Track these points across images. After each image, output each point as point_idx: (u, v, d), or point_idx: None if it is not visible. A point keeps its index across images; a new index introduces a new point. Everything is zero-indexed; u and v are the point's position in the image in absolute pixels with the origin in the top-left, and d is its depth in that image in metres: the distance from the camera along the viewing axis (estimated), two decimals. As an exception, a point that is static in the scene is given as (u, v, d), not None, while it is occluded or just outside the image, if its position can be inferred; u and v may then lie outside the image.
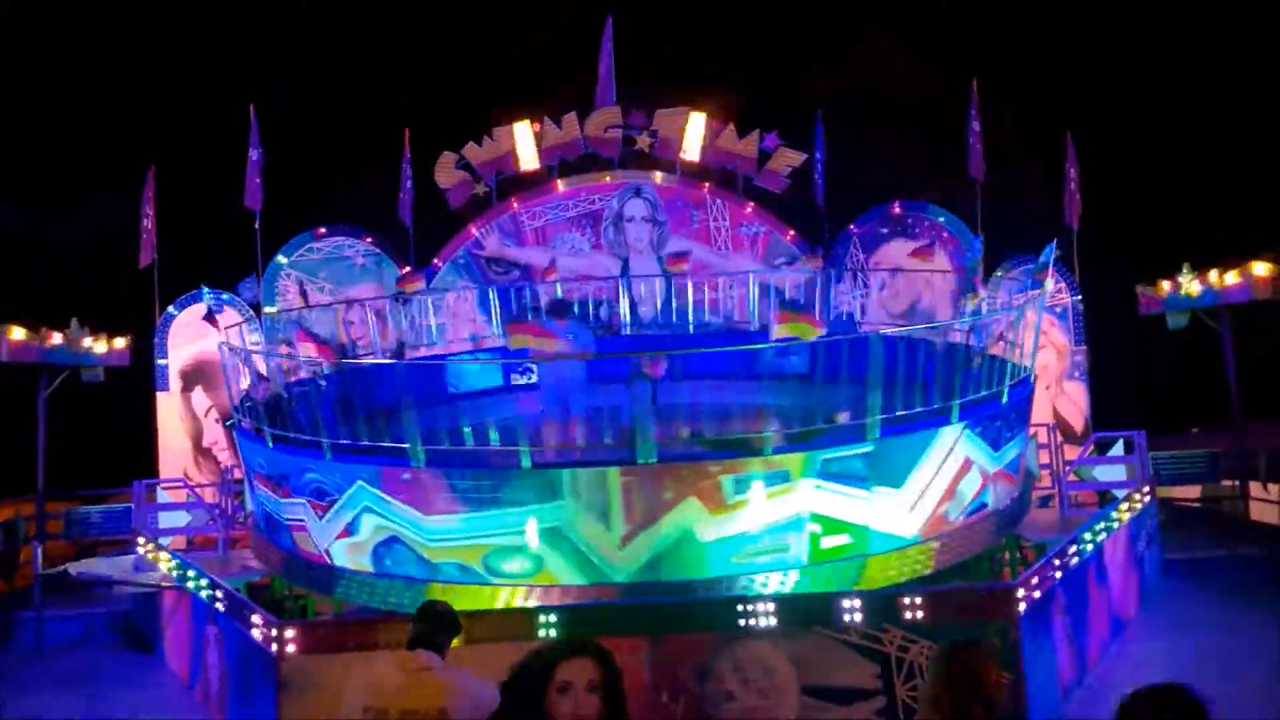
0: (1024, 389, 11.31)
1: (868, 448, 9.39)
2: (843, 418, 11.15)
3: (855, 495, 9.45)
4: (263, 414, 10.78)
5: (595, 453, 10.03)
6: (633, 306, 16.67)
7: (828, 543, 9.41)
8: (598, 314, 16.30)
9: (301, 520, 10.44)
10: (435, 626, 5.10)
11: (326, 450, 9.88)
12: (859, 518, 9.50)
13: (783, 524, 9.31)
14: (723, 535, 9.24)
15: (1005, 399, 10.52)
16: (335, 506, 9.96)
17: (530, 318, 14.87)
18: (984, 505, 10.51)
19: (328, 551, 10.20)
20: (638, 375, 10.19)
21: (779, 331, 10.24)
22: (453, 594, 9.13)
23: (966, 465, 10.12)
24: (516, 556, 9.32)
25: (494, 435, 9.55)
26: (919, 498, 9.78)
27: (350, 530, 9.93)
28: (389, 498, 9.63)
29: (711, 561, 9.24)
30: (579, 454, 10.27)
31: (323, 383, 11.91)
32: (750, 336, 15.93)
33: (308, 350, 11.41)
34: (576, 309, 15.85)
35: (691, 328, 16.60)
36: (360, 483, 9.73)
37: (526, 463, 9.24)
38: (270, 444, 10.63)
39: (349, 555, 10.04)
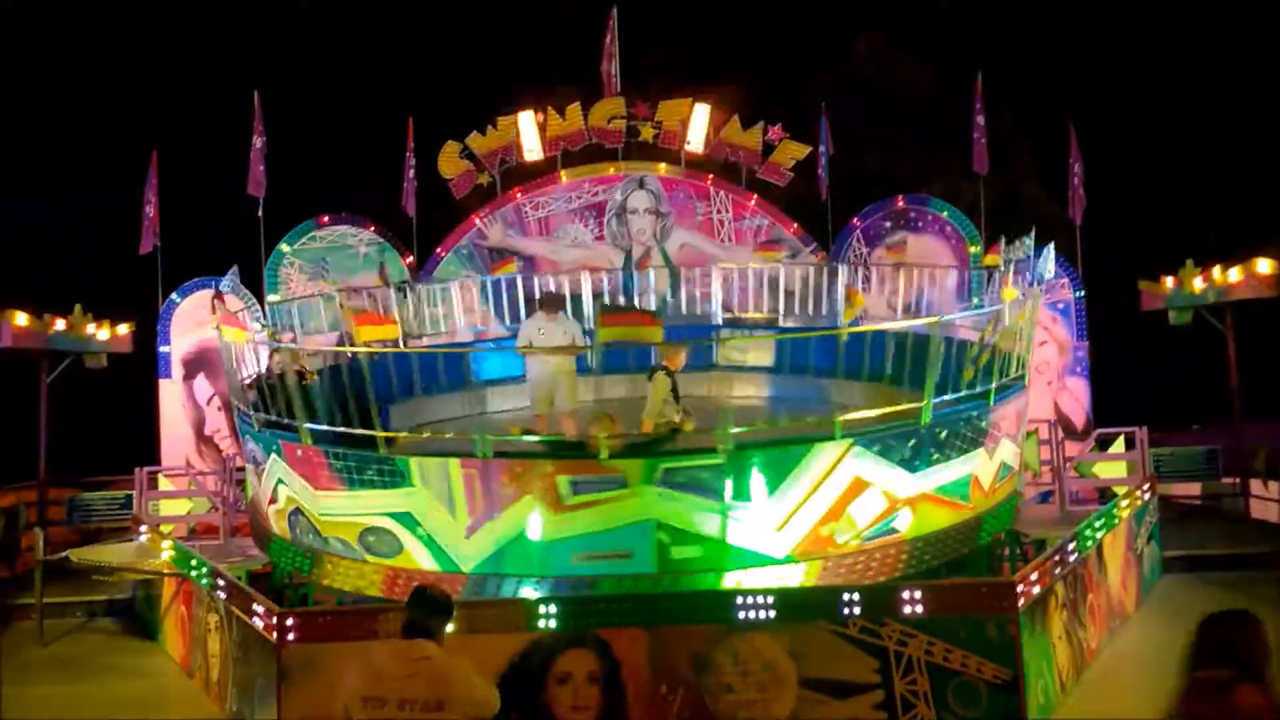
0: (975, 407, 10.14)
1: (718, 460, 9.13)
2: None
3: (708, 507, 9.15)
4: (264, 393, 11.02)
5: (441, 444, 10.21)
6: (634, 299, 16.65)
7: (679, 553, 9.21)
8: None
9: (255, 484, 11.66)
10: (427, 612, 5.11)
11: (254, 421, 10.80)
12: (713, 531, 9.20)
13: (626, 530, 9.16)
14: (562, 535, 9.23)
15: (925, 418, 9.60)
16: (264, 474, 10.97)
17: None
18: (894, 530, 9.68)
19: (266, 515, 11.21)
20: (658, 368, 10.23)
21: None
22: (340, 567, 10.07)
23: (859, 485, 9.41)
24: (384, 536, 9.74)
25: (376, 420, 9.76)
26: (789, 516, 9.29)
27: (274, 498, 10.82)
28: (291, 470, 10.29)
29: (552, 560, 9.28)
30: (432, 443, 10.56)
31: (313, 373, 11.85)
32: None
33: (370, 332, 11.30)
34: (583, 300, 15.84)
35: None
36: (273, 454, 10.53)
37: (382, 449, 9.59)
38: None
39: (275, 521, 10.99)
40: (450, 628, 5.32)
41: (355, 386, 10.27)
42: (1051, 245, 11.46)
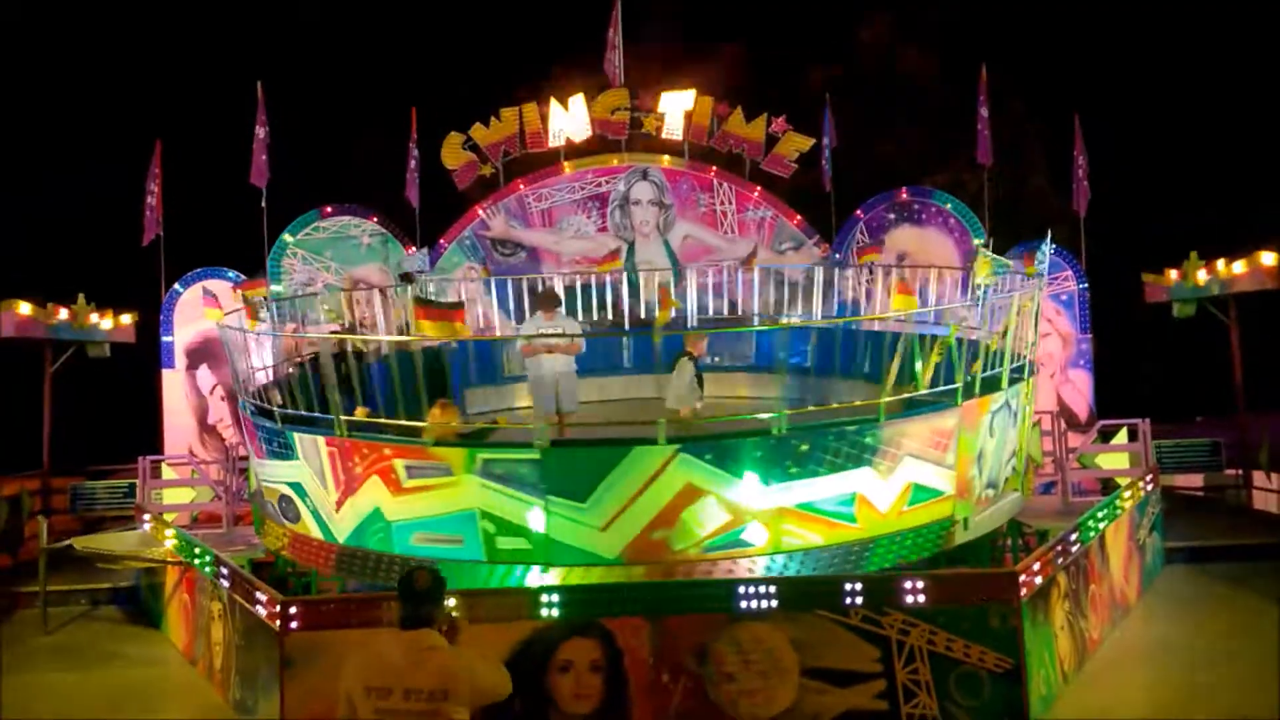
0: (866, 429, 9.44)
1: (534, 455, 9.14)
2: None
3: (529, 501, 9.19)
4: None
5: (313, 422, 10.25)
6: (636, 292, 16.61)
7: (505, 543, 9.31)
8: (601, 301, 16.18)
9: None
10: (416, 604, 5.04)
11: (244, 404, 11.37)
12: (535, 525, 9.23)
13: (455, 517, 9.36)
14: (404, 516, 9.56)
15: (780, 430, 9.16)
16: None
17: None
18: (743, 544, 9.29)
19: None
20: (683, 354, 10.26)
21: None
22: (270, 529, 11.19)
23: (692, 493, 9.13)
24: (289, 504, 10.59)
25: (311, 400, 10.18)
26: (613, 518, 9.14)
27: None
28: (249, 440, 11.58)
29: (396, 540, 9.61)
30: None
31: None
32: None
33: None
34: (582, 298, 15.81)
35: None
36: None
37: (278, 424, 10.41)
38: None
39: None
40: (452, 602, 5.26)
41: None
42: (1049, 239, 11.43)
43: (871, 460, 9.44)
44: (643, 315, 16.24)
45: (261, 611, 8.89)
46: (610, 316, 16.17)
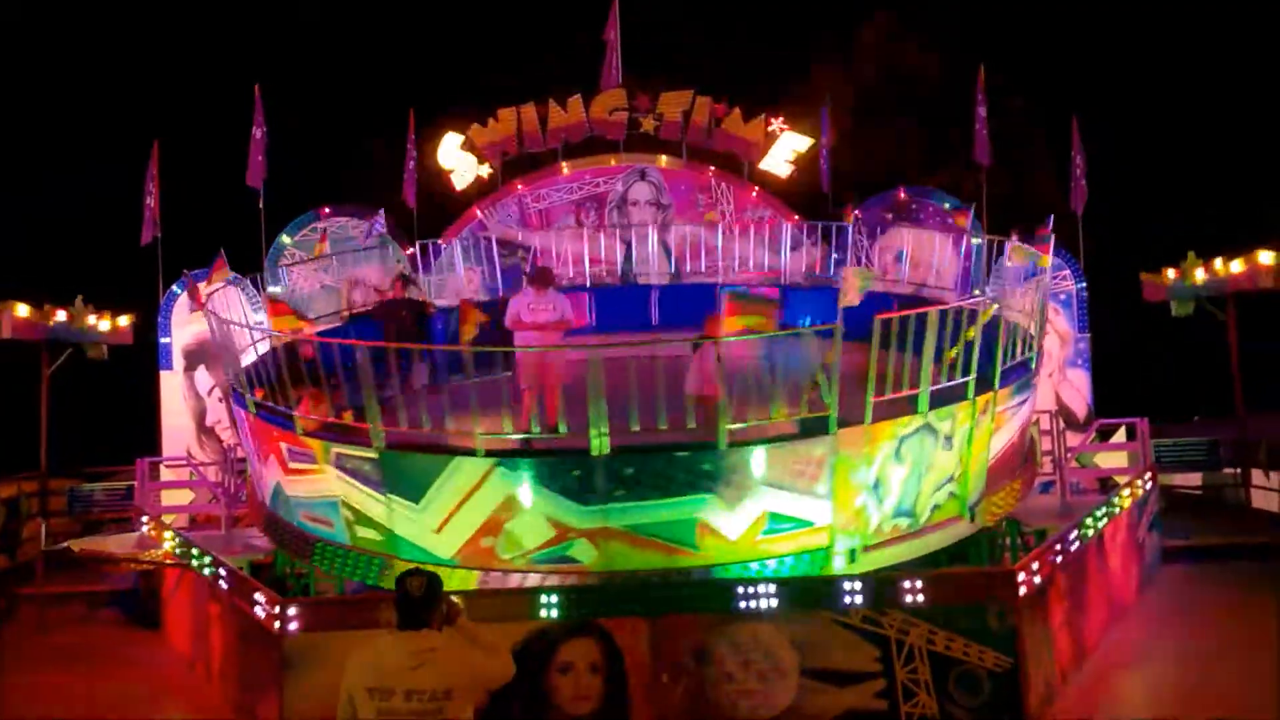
0: (703, 457, 9.07)
1: (373, 454, 9.45)
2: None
3: (375, 497, 9.61)
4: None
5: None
6: (630, 254, 16.60)
7: (362, 533, 9.82)
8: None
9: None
10: (411, 612, 5.01)
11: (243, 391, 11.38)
12: (382, 520, 9.62)
13: (324, 501, 10.11)
14: (294, 495, 10.53)
15: (599, 452, 9.00)
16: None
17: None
18: (571, 559, 9.27)
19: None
20: (703, 337, 10.19)
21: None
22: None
23: (512, 505, 9.23)
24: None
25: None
26: (445, 521, 9.39)
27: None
28: None
29: (294, 513, 10.64)
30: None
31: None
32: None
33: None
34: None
35: None
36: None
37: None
38: None
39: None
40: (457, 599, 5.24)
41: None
42: (1051, 235, 11.41)
43: (712, 487, 9.12)
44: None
45: (260, 613, 8.89)
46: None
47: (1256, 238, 15.90)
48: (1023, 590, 8.51)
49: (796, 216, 17.43)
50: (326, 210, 17.11)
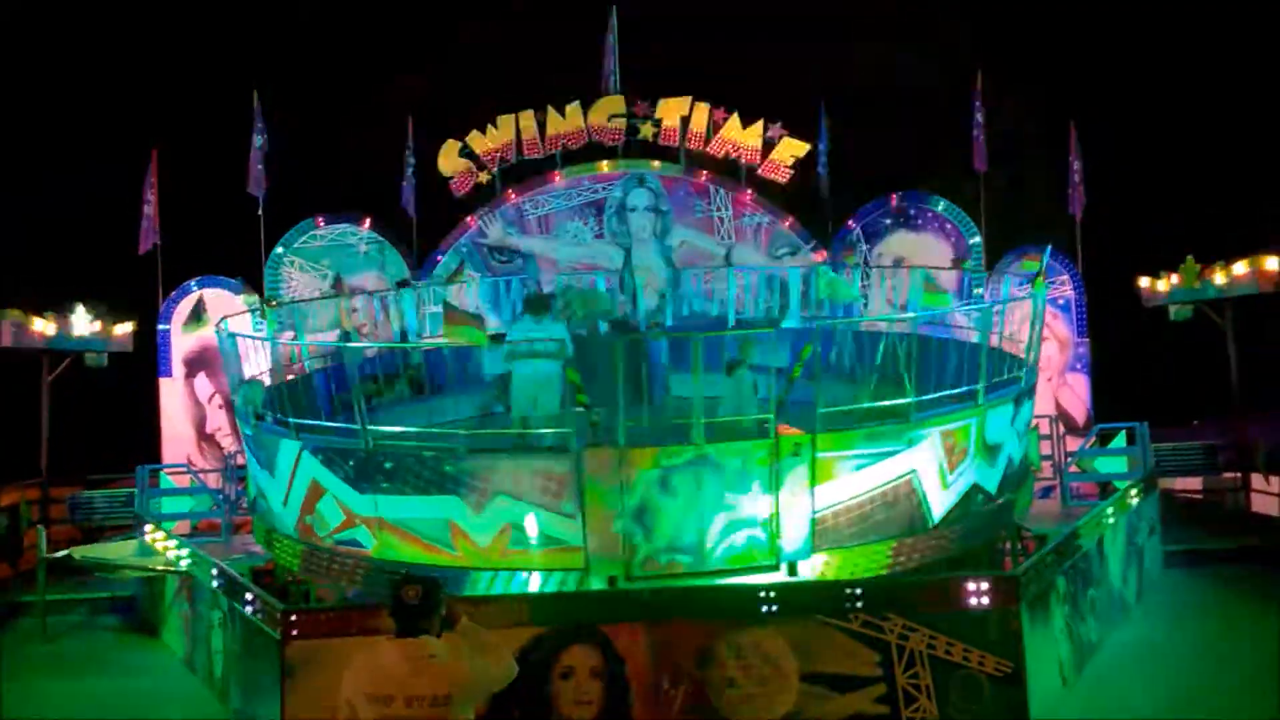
0: (444, 459, 9.38)
1: (249, 432, 11.28)
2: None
3: (259, 469, 11.23)
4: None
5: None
6: (634, 297, 16.61)
7: (259, 504, 11.47)
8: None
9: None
10: (410, 619, 5.01)
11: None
12: (259, 490, 11.33)
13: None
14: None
15: (366, 444, 9.48)
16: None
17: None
18: (359, 544, 9.74)
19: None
20: (738, 362, 10.45)
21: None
22: None
23: (317, 490, 9.96)
24: None
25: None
26: (285, 496, 10.45)
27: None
28: None
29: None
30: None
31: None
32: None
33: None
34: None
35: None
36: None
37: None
38: None
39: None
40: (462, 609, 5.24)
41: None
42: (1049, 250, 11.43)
43: (457, 490, 9.24)
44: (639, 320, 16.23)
45: (261, 620, 8.89)
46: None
47: (1255, 242, 15.93)
48: (1024, 595, 8.52)
49: (794, 221, 17.43)
50: (323, 218, 17.13)
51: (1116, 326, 19.08)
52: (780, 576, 9.10)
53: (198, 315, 16.58)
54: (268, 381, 11.90)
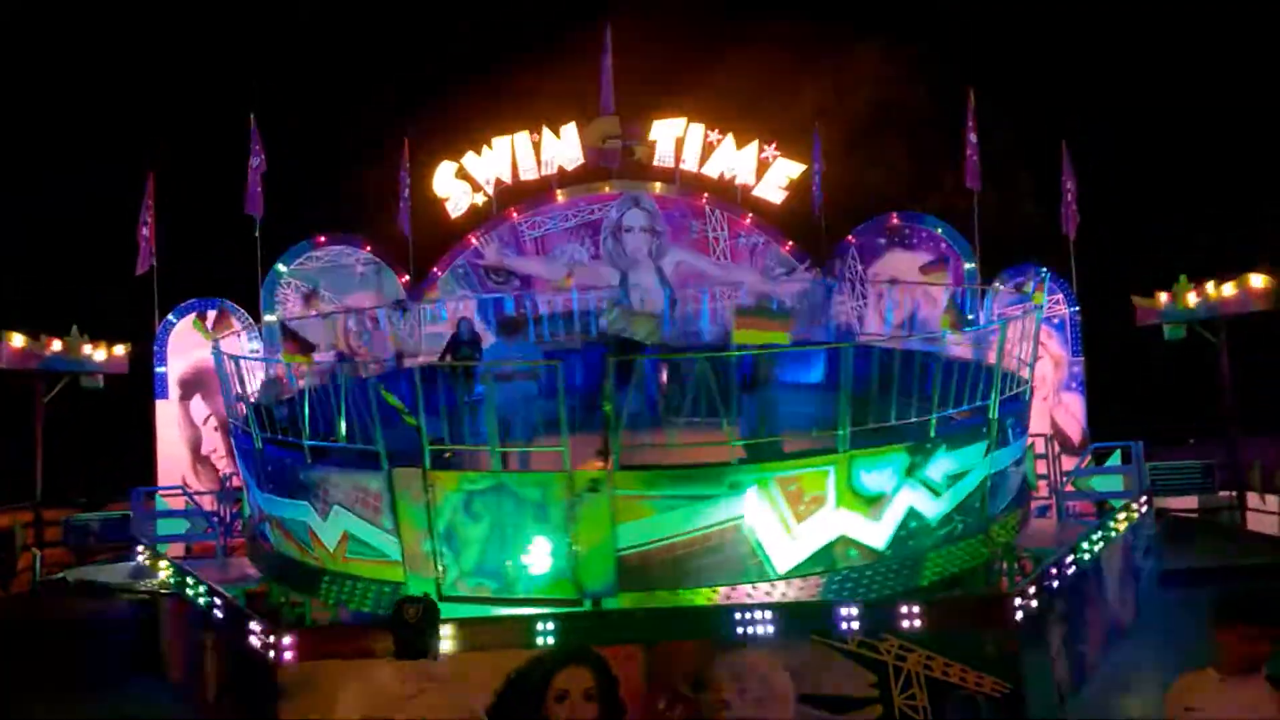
0: (299, 465, 10.35)
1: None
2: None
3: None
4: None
5: None
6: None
7: None
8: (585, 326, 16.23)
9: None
10: (409, 637, 5.00)
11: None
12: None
13: None
14: None
15: (258, 446, 11.24)
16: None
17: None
18: (268, 537, 11.52)
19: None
20: (751, 385, 10.63)
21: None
22: None
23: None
24: None
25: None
26: None
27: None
28: None
29: None
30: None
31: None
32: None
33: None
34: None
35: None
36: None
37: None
38: None
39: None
40: (446, 631, 5.24)
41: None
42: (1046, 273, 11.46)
43: (307, 496, 10.23)
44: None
45: (255, 642, 8.86)
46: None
47: (1248, 261, 15.98)
48: (1020, 615, 8.51)
49: (790, 242, 17.47)
50: (321, 239, 17.16)
51: (1111, 345, 19.13)
52: (773, 597, 9.10)
53: (195, 335, 16.58)
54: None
